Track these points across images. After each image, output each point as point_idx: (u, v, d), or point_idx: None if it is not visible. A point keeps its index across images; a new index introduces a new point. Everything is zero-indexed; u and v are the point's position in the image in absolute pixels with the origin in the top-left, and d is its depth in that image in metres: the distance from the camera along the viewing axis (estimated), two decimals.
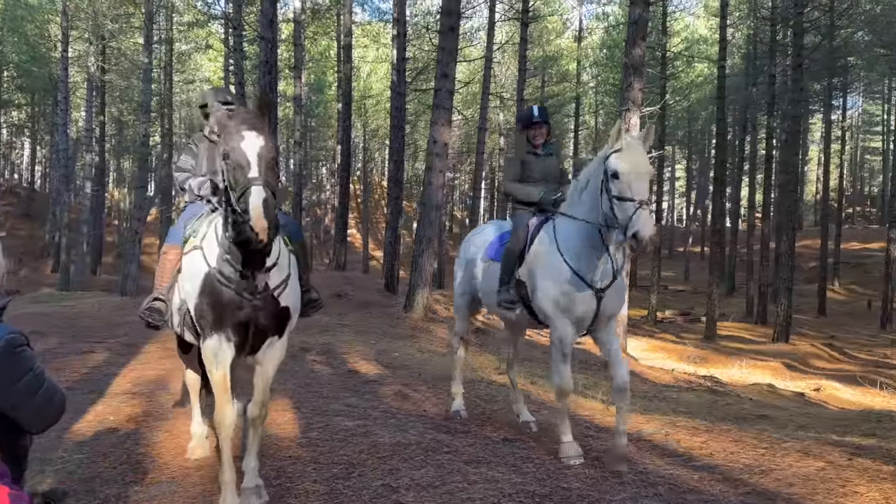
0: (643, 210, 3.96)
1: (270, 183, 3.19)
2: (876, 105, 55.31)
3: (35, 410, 2.06)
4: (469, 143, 40.92)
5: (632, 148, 4.20)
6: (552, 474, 4.38)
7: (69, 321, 11.69)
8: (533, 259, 4.84)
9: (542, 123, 5.43)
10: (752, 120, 35.56)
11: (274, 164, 3.33)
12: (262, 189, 3.10)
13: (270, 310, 3.62)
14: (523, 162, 5.45)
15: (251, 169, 3.17)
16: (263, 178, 3.15)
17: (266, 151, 3.26)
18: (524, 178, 5.41)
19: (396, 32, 20.49)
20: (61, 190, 27.42)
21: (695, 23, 41.18)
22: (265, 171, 3.19)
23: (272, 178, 3.24)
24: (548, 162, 5.46)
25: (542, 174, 5.39)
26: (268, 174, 3.20)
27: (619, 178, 4.12)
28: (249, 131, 3.27)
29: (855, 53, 31.15)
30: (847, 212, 50.41)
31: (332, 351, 9.18)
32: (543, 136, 5.46)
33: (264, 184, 3.13)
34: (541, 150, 5.46)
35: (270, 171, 3.25)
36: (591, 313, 4.57)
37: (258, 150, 3.23)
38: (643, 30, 12.36)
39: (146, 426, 5.30)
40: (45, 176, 48.72)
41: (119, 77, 29.74)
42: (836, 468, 4.28)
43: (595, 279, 4.48)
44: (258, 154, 3.22)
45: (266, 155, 3.25)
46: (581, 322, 4.62)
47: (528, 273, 4.86)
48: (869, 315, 28.45)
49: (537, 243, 4.86)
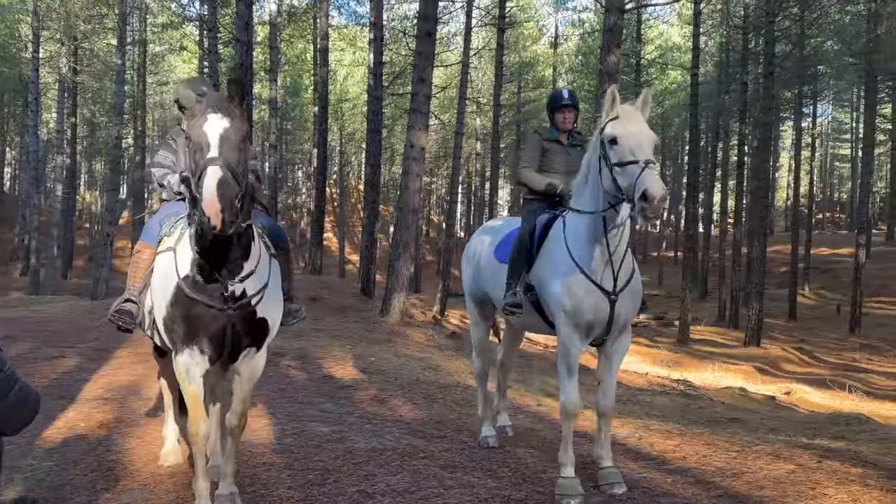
0: (649, 169, 3.55)
1: (231, 164, 2.92)
2: (845, 113, 56.53)
3: (6, 411, 2.03)
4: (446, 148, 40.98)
5: (628, 114, 3.84)
6: (528, 479, 4.40)
7: (39, 325, 11.48)
8: (542, 259, 4.41)
9: (572, 107, 4.94)
10: (724, 127, 36.10)
11: (242, 145, 3.04)
12: (219, 169, 2.86)
13: (246, 321, 3.43)
14: (544, 150, 4.96)
15: (210, 149, 2.94)
16: (223, 158, 2.91)
17: (232, 133, 3.01)
18: (544, 168, 4.94)
19: (373, 36, 20.47)
20: (31, 192, 26.97)
21: (669, 31, 41.78)
22: (227, 151, 2.95)
23: (236, 159, 2.97)
24: (573, 153, 4.90)
25: (565, 166, 4.88)
26: (229, 154, 2.95)
27: (617, 143, 3.73)
28: (214, 113, 3.04)
29: (825, 62, 31.79)
30: (817, 217, 51.32)
31: (307, 356, 9.12)
32: (572, 121, 4.96)
33: (223, 164, 2.88)
34: (566, 139, 4.98)
35: (235, 151, 2.99)
36: (603, 319, 4.07)
37: (220, 131, 2.99)
38: (618, 37, 12.48)
39: (118, 432, 5.22)
40: (14, 178, 47.87)
41: (91, 78, 29.36)
42: (805, 471, 4.35)
43: (607, 281, 4.01)
44: (220, 135, 2.98)
45: (231, 136, 3.00)
46: (591, 329, 4.13)
47: (537, 275, 4.42)
48: (838, 319, 28.96)
49: (547, 242, 4.41)
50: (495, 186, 27.04)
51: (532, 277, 4.45)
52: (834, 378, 15.03)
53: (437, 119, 29.20)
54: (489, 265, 5.00)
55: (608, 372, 4.32)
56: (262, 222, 4.00)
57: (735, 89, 29.79)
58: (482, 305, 5.33)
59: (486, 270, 5.05)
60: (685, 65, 31.70)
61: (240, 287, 3.34)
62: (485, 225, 5.67)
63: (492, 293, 5.00)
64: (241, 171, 3.00)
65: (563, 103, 4.91)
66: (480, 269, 5.15)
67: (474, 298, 5.35)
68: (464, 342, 13.96)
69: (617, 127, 3.78)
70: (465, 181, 45.80)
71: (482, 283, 5.13)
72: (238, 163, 2.98)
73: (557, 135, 4.95)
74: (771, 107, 23.41)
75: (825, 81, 35.98)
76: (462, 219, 50.84)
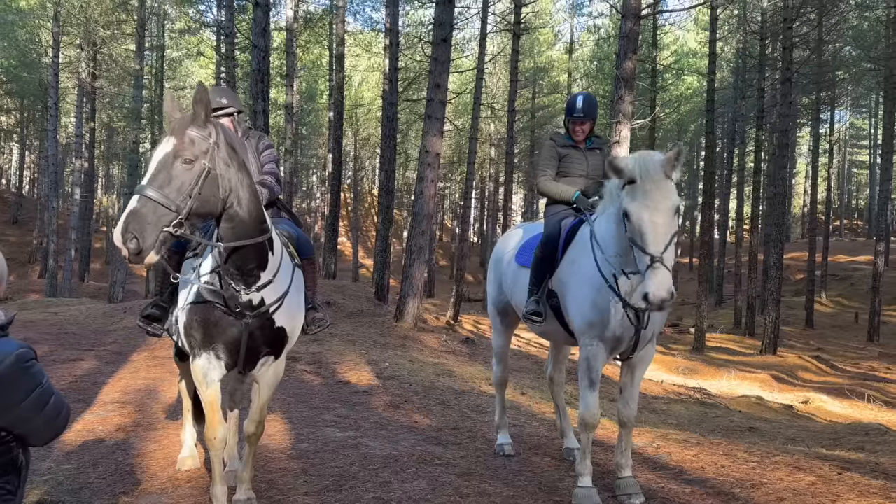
0: (654, 269, 3.34)
1: (164, 189, 2.77)
2: (863, 119, 56.05)
3: (43, 423, 2.05)
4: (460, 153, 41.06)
5: (648, 180, 3.47)
6: (544, 488, 4.38)
7: (57, 328, 11.59)
8: (566, 266, 4.26)
9: (585, 119, 4.73)
10: (740, 133, 35.87)
11: (188, 165, 2.85)
12: (137, 199, 2.73)
13: (264, 330, 3.46)
14: (561, 156, 4.82)
15: (144, 176, 2.84)
16: (154, 184, 2.76)
17: (173, 156, 2.84)
18: (563, 173, 4.81)
19: (389, 42, 20.54)
20: (50, 196, 27.26)
21: (685, 36, 41.61)
22: (162, 177, 2.79)
23: (175, 183, 2.81)
24: (592, 157, 4.83)
25: (585, 170, 4.78)
26: (163, 180, 2.79)
27: (630, 220, 3.50)
28: (166, 137, 2.92)
29: (843, 68, 31.51)
30: (834, 224, 50.89)
31: (323, 361, 9.14)
32: (584, 132, 4.80)
33: (151, 191, 2.74)
34: (583, 143, 4.85)
35: (175, 175, 2.82)
36: (629, 334, 3.93)
37: (160, 157, 2.85)
38: (634, 43, 12.44)
39: (135, 436, 5.26)
40: (33, 181, 48.42)
41: (110, 83, 29.62)
42: (826, 483, 4.29)
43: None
44: (159, 160, 2.83)
45: (171, 160, 2.83)
46: (618, 344, 3.98)
47: (560, 282, 4.29)
48: (856, 327, 28.63)
49: (572, 248, 4.27)
50: (509, 191, 26.96)
51: (555, 283, 4.36)
52: (852, 387, 14.83)
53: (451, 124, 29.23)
54: (510, 269, 4.92)
55: (631, 381, 4.23)
56: (288, 230, 4.03)
57: (752, 95, 29.59)
58: (504, 313, 5.21)
59: (507, 275, 4.97)
60: (701, 70, 31.55)
61: (257, 296, 3.34)
62: (509, 230, 5.57)
63: (512, 299, 4.88)
64: (185, 194, 2.83)
65: (575, 115, 4.72)
66: (502, 275, 5.06)
67: (497, 306, 5.22)
68: (478, 348, 13.95)
69: (634, 204, 3.49)
70: (479, 186, 45.81)
71: (504, 288, 5.02)
72: (178, 186, 2.82)
73: (574, 141, 4.83)
74: (788, 113, 23.22)
75: (843, 87, 35.60)
76: (476, 224, 50.84)
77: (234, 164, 3.08)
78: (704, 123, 26.27)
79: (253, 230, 3.19)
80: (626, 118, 12.25)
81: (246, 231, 3.16)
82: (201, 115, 2.96)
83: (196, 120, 2.96)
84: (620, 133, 12.18)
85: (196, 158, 2.89)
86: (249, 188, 3.16)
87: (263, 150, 4.33)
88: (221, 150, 3.03)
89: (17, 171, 49.20)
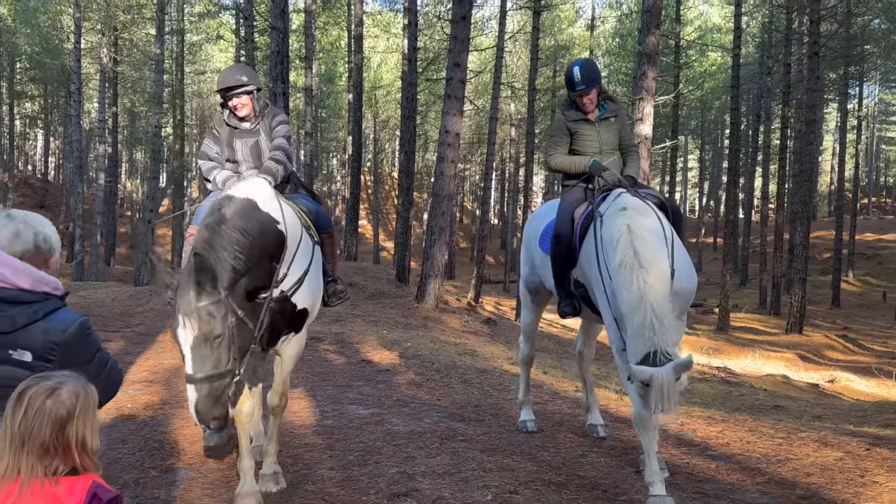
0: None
1: (209, 370, 2.90)
2: (893, 94, 54.73)
3: (104, 383, 2.20)
4: (480, 134, 40.75)
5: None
6: (568, 463, 4.38)
7: (84, 311, 11.75)
8: (585, 260, 4.21)
9: (588, 88, 4.43)
10: (766, 109, 35.21)
11: (219, 336, 2.94)
12: (194, 389, 2.88)
13: (285, 312, 3.57)
14: (572, 132, 4.59)
15: (185, 364, 2.93)
16: (200, 373, 2.89)
17: (199, 340, 2.90)
18: (575, 149, 4.60)
19: (407, 22, 20.39)
20: (75, 181, 27.57)
21: (709, 11, 40.87)
22: (196, 360, 2.90)
23: (214, 359, 2.93)
24: (604, 129, 4.57)
25: (598, 144, 4.56)
26: (204, 363, 2.90)
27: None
28: (185, 318, 2.90)
29: (872, 41, 30.78)
30: (862, 202, 49.87)
31: (345, 340, 9.20)
32: (593, 101, 4.51)
33: (200, 381, 2.89)
34: (594, 115, 4.58)
35: (212, 350, 2.93)
36: None
37: (190, 341, 2.91)
38: (657, 18, 12.22)
39: (163, 413, 5.34)
40: (58, 167, 49.01)
41: (131, 68, 29.86)
42: (854, 458, 4.25)
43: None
44: (191, 346, 2.91)
45: (198, 343, 2.90)
46: None
47: (584, 276, 4.24)
48: (884, 306, 28.21)
49: (587, 242, 4.16)
50: (530, 172, 26.79)
51: (579, 274, 4.33)
52: (879, 366, 14.64)
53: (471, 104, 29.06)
54: (538, 254, 4.89)
55: None
56: (307, 204, 4.06)
57: (777, 71, 29.00)
58: (536, 292, 5.15)
59: (537, 258, 4.93)
60: (726, 46, 30.97)
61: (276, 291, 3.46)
62: (539, 208, 5.45)
63: (545, 281, 4.81)
64: (228, 359, 2.95)
65: (578, 89, 4.44)
66: (533, 257, 5.02)
67: (528, 285, 5.17)
68: (499, 328, 13.95)
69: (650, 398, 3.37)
70: (500, 167, 45.51)
71: (537, 270, 4.96)
72: (217, 359, 2.92)
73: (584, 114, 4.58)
74: (815, 88, 22.73)
75: (872, 61, 34.81)
76: (496, 206, 50.66)
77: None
78: (729, 100, 25.83)
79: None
80: (649, 94, 12.08)
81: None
82: (206, 285, 2.92)
83: (203, 293, 2.91)
84: (644, 110, 12.02)
85: (223, 332, 2.94)
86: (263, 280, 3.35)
87: (276, 126, 4.31)
88: (237, 296, 3.08)
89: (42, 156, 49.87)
